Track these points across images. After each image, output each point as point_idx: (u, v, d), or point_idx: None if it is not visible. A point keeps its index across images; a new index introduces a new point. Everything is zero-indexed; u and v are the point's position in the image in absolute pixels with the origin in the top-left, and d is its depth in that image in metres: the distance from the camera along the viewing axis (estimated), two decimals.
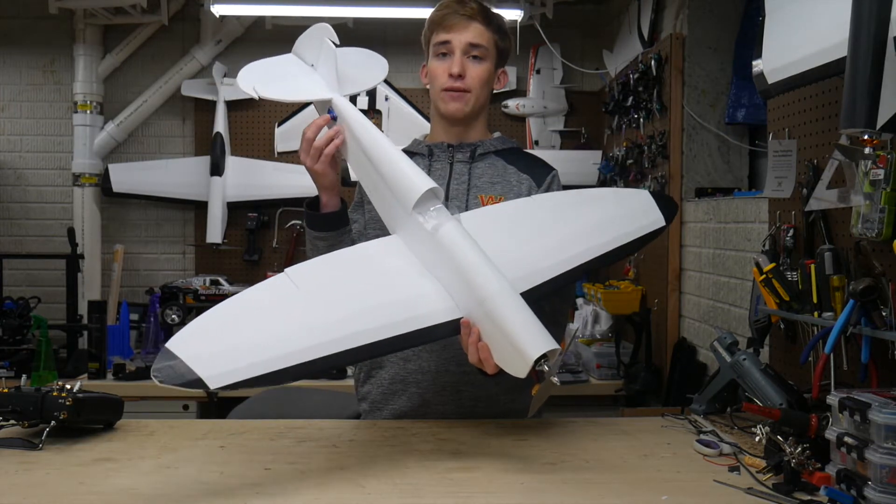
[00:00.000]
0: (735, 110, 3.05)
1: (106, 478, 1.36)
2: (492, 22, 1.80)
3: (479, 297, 1.40)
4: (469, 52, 1.76)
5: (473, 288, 1.41)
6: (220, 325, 1.34)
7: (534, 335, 1.35)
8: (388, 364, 1.78)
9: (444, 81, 1.77)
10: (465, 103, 1.78)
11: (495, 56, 1.81)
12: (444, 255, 1.46)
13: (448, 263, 1.45)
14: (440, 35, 1.77)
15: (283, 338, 1.33)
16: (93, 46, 4.23)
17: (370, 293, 1.45)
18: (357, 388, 1.90)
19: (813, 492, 1.28)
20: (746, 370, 1.71)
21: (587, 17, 4.41)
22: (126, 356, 3.55)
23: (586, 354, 3.51)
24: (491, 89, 1.84)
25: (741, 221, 2.59)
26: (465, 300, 1.43)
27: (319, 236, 1.71)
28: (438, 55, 1.79)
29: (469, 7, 1.77)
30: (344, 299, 1.42)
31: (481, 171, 1.81)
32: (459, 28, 1.76)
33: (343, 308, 1.40)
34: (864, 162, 1.57)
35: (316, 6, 3.91)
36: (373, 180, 1.63)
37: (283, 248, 4.26)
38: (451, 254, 1.45)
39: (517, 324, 1.36)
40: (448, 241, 1.47)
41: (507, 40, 1.84)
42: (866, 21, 1.27)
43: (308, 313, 1.38)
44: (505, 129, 4.33)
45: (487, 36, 1.78)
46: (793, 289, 1.86)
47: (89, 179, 4.26)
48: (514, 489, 1.31)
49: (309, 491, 1.30)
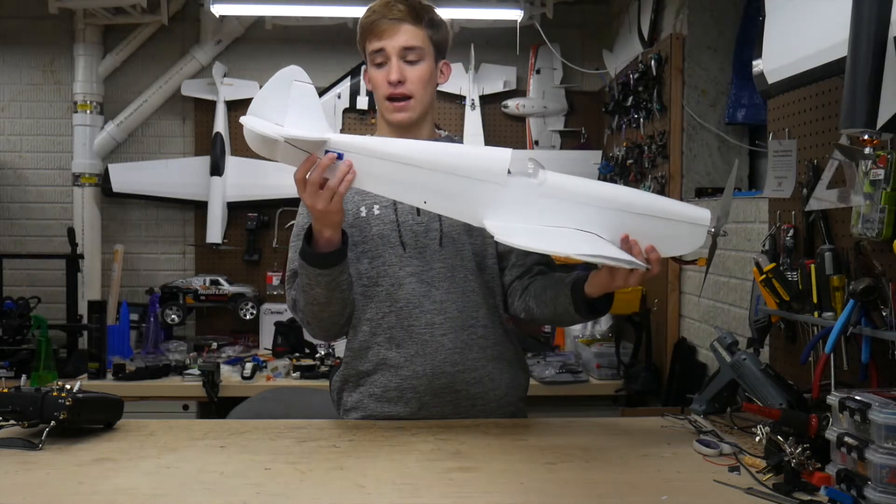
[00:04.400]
0: (735, 110, 3.05)
1: (106, 478, 1.36)
2: (422, 19, 1.74)
3: (625, 204, 1.49)
4: (405, 56, 1.73)
5: (615, 203, 1.49)
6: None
7: (692, 206, 1.54)
8: (378, 372, 1.77)
9: (385, 90, 1.74)
10: (411, 110, 1.75)
11: (433, 52, 1.77)
12: (567, 194, 1.49)
13: (577, 199, 1.48)
14: (373, 43, 1.73)
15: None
16: (93, 46, 4.23)
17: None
18: (339, 396, 1.85)
19: (813, 492, 1.28)
20: (746, 370, 1.71)
21: (587, 17, 4.40)
22: (126, 356, 3.55)
23: (586, 354, 3.51)
24: (434, 86, 1.81)
25: (741, 221, 2.59)
26: (608, 223, 1.48)
27: (323, 273, 1.64)
28: (375, 64, 1.75)
29: (396, 9, 1.72)
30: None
31: None
32: (390, 33, 1.72)
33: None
34: (864, 162, 1.57)
35: (316, 6, 3.91)
36: (430, 186, 1.50)
37: (283, 248, 4.25)
38: (574, 189, 1.49)
39: (674, 203, 1.54)
40: (562, 182, 1.50)
41: (441, 31, 1.78)
42: (866, 21, 1.27)
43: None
44: (505, 129, 4.35)
45: (421, 35, 1.74)
46: (793, 289, 1.86)
47: (89, 179, 4.26)
48: (514, 489, 1.31)
49: (309, 491, 1.30)
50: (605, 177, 3.99)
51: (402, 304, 1.74)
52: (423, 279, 1.75)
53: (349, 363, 1.81)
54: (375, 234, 1.76)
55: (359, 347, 1.78)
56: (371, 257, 1.76)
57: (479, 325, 1.77)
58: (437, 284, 1.75)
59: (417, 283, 1.74)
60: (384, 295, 1.75)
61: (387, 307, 1.75)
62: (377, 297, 1.76)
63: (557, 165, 1.87)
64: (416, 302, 1.74)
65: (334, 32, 4.26)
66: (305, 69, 1.52)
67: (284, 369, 3.46)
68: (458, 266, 1.76)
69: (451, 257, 1.76)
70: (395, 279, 1.75)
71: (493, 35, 4.18)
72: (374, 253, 1.76)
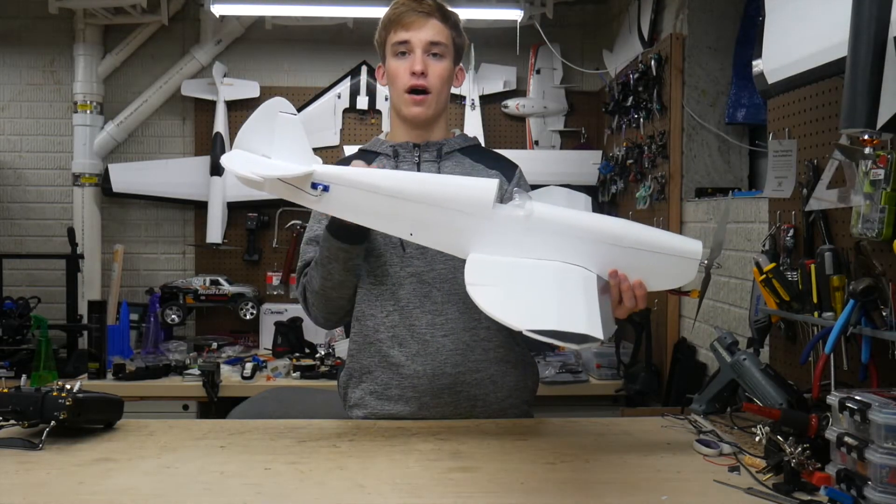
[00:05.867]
0: (735, 110, 3.05)
1: (106, 478, 1.36)
2: (449, 19, 1.78)
3: (614, 237, 1.43)
4: (429, 50, 1.75)
5: (603, 235, 1.43)
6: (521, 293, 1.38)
7: (683, 239, 1.46)
8: (379, 370, 1.78)
9: (406, 81, 1.75)
10: (428, 106, 1.77)
11: (453, 53, 1.80)
12: (554, 227, 1.43)
13: (563, 232, 1.42)
14: (399, 34, 1.75)
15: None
16: (93, 46, 4.22)
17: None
18: (345, 392, 1.87)
19: (813, 492, 1.28)
20: (746, 370, 1.71)
21: (587, 17, 4.40)
22: (126, 356, 3.55)
23: (586, 354, 3.51)
24: (450, 87, 1.82)
25: (741, 221, 2.59)
26: (596, 256, 1.42)
27: (342, 248, 1.67)
28: (397, 54, 1.76)
29: (426, 3, 1.75)
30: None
31: (450, 169, 1.81)
32: (418, 26, 1.74)
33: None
34: (865, 162, 1.57)
35: (316, 6, 3.91)
36: (415, 218, 1.49)
37: (283, 248, 4.26)
38: (562, 221, 1.43)
39: (665, 235, 1.47)
40: (550, 213, 1.44)
41: (462, 37, 1.83)
42: (866, 21, 1.27)
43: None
44: (505, 129, 4.34)
45: (446, 33, 1.77)
46: (793, 289, 1.86)
47: (89, 179, 4.26)
48: (514, 489, 1.31)
49: (309, 491, 1.30)
50: (604, 177, 3.98)
51: (403, 304, 1.74)
52: (424, 280, 1.75)
53: (354, 356, 1.83)
54: (379, 234, 1.76)
55: (363, 342, 1.80)
56: (375, 256, 1.78)
57: (481, 328, 1.76)
58: (439, 286, 1.75)
59: (418, 283, 1.75)
60: (388, 294, 1.76)
61: (391, 306, 1.75)
62: (382, 296, 1.77)
63: (557, 166, 1.88)
64: (416, 302, 1.74)
65: (334, 32, 4.25)
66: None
67: (284, 369, 3.46)
68: (461, 268, 1.76)
69: (453, 259, 1.76)
70: (397, 279, 1.75)
71: (493, 35, 4.18)
72: (377, 252, 1.78)
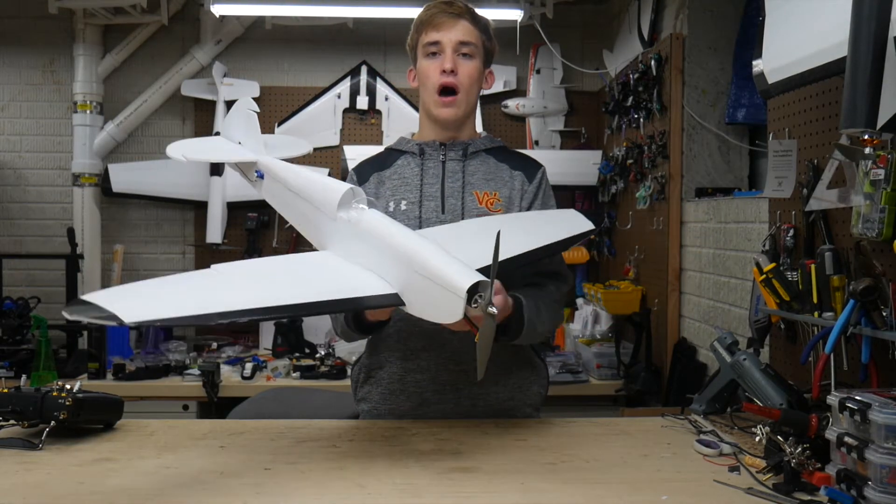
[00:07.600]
0: (735, 110, 3.05)
1: (106, 478, 1.36)
2: (479, 21, 1.83)
3: (406, 258, 1.41)
4: (459, 50, 1.78)
5: (400, 254, 1.42)
6: (136, 288, 1.32)
7: (461, 272, 1.33)
8: (387, 364, 1.79)
9: (436, 79, 1.78)
10: (457, 107, 1.80)
11: (483, 55, 1.83)
12: (370, 237, 1.49)
13: (375, 244, 1.48)
14: (430, 35, 1.79)
15: (203, 297, 1.30)
16: (93, 46, 4.22)
17: (302, 276, 1.47)
18: (356, 389, 1.89)
19: (813, 492, 1.28)
20: (746, 370, 1.71)
21: (587, 17, 4.40)
22: (126, 356, 3.55)
23: (586, 354, 3.51)
24: (479, 89, 1.85)
25: (741, 221, 2.59)
26: (396, 274, 1.43)
27: (364, 336, 1.76)
28: (428, 55, 1.80)
29: (457, 6, 1.80)
30: (273, 282, 1.42)
31: (474, 168, 1.82)
32: (448, 26, 1.78)
33: (272, 284, 1.40)
34: (865, 162, 1.57)
35: (316, 6, 3.91)
36: (301, 212, 1.68)
37: (283, 248, 4.25)
38: (380, 234, 1.48)
39: (442, 265, 1.35)
40: (373, 225, 1.50)
41: (492, 41, 1.87)
42: (866, 21, 1.27)
43: (230, 288, 1.36)
44: (505, 129, 4.34)
45: (476, 34, 1.81)
46: (793, 289, 1.86)
47: (89, 179, 4.26)
48: (514, 489, 1.31)
49: (309, 491, 1.30)
50: (605, 177, 3.98)
51: None
52: None
53: (367, 352, 1.86)
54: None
55: (375, 339, 1.82)
56: None
57: None
58: None
59: None
60: None
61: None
62: None
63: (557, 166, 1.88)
64: None
65: (334, 32, 4.25)
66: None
67: (284, 369, 3.46)
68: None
69: None
70: None
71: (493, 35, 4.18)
72: None
